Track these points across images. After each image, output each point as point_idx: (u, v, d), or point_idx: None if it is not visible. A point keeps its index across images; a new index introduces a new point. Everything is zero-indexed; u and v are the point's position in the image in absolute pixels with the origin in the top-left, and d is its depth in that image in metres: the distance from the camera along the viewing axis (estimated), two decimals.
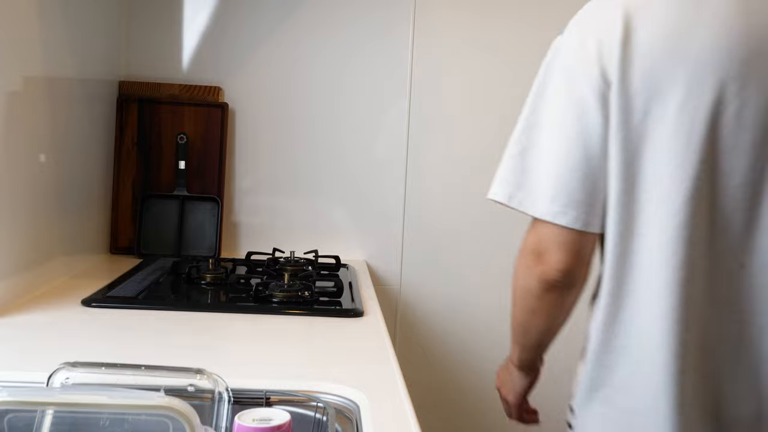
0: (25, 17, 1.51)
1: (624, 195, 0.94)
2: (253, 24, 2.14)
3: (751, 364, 0.94)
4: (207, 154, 2.10)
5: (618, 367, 0.99)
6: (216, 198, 2.08)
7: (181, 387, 0.94)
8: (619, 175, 0.94)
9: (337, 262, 2.01)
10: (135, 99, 2.08)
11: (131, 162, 2.08)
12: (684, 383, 0.94)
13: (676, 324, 0.93)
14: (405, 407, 1.07)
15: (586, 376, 1.04)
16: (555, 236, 0.98)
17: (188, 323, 1.46)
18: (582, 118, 0.95)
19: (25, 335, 1.33)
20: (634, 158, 0.93)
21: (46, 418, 0.90)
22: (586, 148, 0.95)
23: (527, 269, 1.03)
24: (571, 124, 0.95)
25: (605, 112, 0.93)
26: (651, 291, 0.94)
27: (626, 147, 0.93)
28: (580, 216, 0.96)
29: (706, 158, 0.91)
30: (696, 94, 0.91)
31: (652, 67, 0.91)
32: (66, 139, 1.74)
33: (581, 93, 0.95)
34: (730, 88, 0.90)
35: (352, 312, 1.55)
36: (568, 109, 0.96)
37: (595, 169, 0.95)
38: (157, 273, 1.82)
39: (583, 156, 0.95)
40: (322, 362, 1.27)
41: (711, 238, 0.93)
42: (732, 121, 0.90)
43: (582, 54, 0.95)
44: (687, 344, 0.93)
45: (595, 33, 0.94)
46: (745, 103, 0.90)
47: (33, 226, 1.57)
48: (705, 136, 0.91)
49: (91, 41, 1.90)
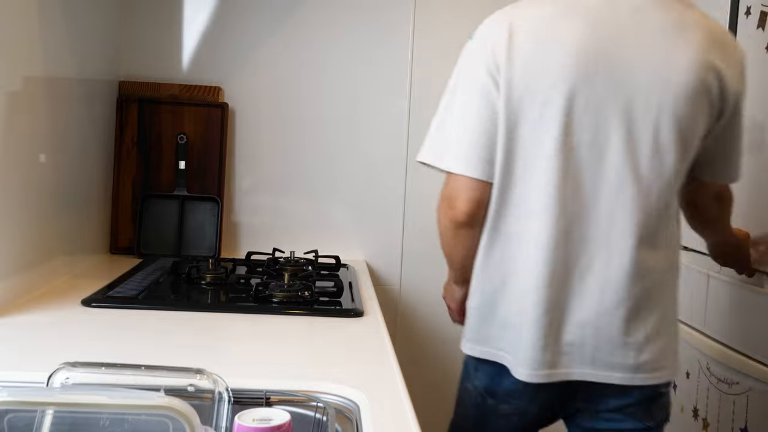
0: (26, 18, 1.51)
1: (506, 154, 1.27)
2: (253, 24, 2.14)
3: (591, 283, 1.28)
4: (207, 154, 2.10)
5: (495, 282, 1.32)
6: (216, 198, 2.08)
7: (181, 387, 0.94)
8: (504, 138, 1.27)
9: (337, 262, 2.01)
10: (135, 99, 2.08)
11: (131, 162, 2.08)
12: (547, 294, 1.26)
13: (543, 251, 1.26)
14: (405, 407, 1.07)
15: (472, 298, 1.37)
16: (464, 186, 1.30)
17: (188, 323, 1.46)
18: (483, 97, 1.27)
19: (25, 335, 1.33)
20: (513, 127, 1.26)
21: (46, 418, 0.90)
22: (487, 119, 1.27)
23: (443, 214, 1.35)
24: (477, 101, 1.28)
25: (497, 93, 1.26)
26: (524, 226, 1.28)
27: (509, 118, 1.26)
28: (485, 169, 1.28)
29: (562, 132, 1.24)
30: (557, 86, 1.24)
31: (525, 64, 1.25)
32: (66, 139, 1.74)
33: (483, 79, 1.28)
34: (578, 84, 1.24)
35: (352, 312, 1.55)
36: (474, 91, 1.29)
37: (492, 134, 1.27)
38: (157, 273, 1.82)
39: (486, 125, 1.27)
40: (322, 362, 1.27)
41: (571, 191, 1.26)
42: (581, 106, 1.24)
43: (482, 52, 1.29)
44: (549, 263, 1.26)
45: (491, 38, 1.28)
46: (589, 96, 1.24)
47: (33, 226, 1.57)
48: (561, 118, 1.24)
49: (91, 41, 1.90)
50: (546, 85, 1.24)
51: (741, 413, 1.79)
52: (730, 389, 1.84)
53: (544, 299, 1.26)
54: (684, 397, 2.09)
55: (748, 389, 1.77)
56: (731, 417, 1.83)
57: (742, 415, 1.79)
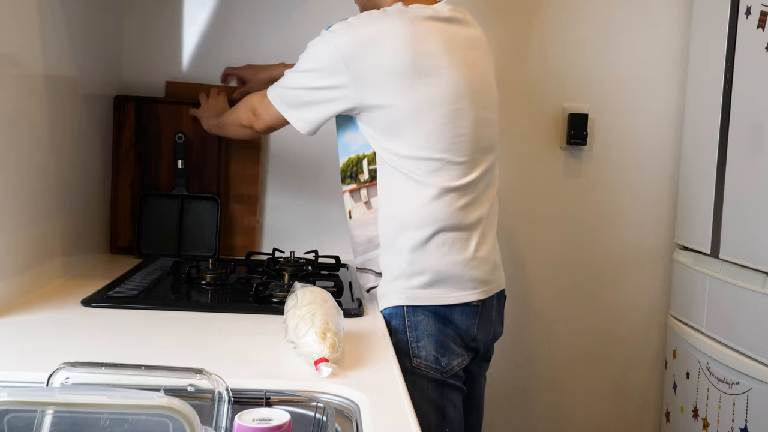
0: (25, 18, 1.51)
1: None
2: (253, 24, 2.14)
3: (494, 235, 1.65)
4: (205, 153, 2.10)
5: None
6: (215, 197, 2.08)
7: (181, 387, 0.94)
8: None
9: (337, 262, 2.01)
10: (133, 98, 2.08)
11: (130, 161, 2.08)
12: (479, 235, 1.56)
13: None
14: (405, 407, 1.07)
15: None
16: (277, 117, 1.62)
17: (188, 323, 1.46)
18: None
19: (25, 335, 1.33)
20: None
21: (46, 418, 0.90)
22: None
23: (246, 117, 1.70)
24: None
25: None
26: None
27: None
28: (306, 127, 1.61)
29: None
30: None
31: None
32: (65, 139, 1.74)
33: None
34: (462, 104, 1.52)
35: (352, 312, 1.55)
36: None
37: None
38: (157, 273, 1.82)
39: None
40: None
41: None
42: (465, 119, 1.53)
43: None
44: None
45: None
46: (466, 115, 1.53)
47: (33, 226, 1.57)
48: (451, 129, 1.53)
49: (90, 41, 1.90)
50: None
51: (741, 413, 1.79)
52: (730, 389, 1.84)
53: None
54: (684, 397, 2.09)
55: (748, 389, 1.77)
56: (731, 417, 1.83)
57: (742, 415, 1.79)
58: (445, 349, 1.52)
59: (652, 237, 2.31)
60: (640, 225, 2.30)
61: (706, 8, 2.10)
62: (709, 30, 2.05)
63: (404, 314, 1.52)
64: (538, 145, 2.25)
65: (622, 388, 2.34)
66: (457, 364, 1.54)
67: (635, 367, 2.34)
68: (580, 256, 2.30)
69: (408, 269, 1.53)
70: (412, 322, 1.52)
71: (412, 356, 1.51)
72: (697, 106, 2.13)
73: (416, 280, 1.52)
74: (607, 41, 2.26)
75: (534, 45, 2.24)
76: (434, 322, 1.52)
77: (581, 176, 2.28)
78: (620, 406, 2.34)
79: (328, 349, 1.16)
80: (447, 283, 1.52)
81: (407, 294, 1.53)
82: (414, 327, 1.52)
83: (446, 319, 1.53)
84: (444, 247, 1.52)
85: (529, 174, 2.27)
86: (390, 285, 1.55)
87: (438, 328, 1.52)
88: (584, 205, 2.29)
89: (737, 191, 1.89)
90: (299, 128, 1.60)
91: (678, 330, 2.15)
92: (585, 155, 2.27)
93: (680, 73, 2.25)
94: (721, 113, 1.95)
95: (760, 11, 1.78)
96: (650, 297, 2.32)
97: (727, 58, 1.93)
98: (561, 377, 2.31)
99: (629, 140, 2.28)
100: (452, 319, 1.53)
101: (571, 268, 2.30)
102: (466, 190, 1.54)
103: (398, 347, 1.46)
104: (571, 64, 2.25)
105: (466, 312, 1.54)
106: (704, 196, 2.02)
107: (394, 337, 1.48)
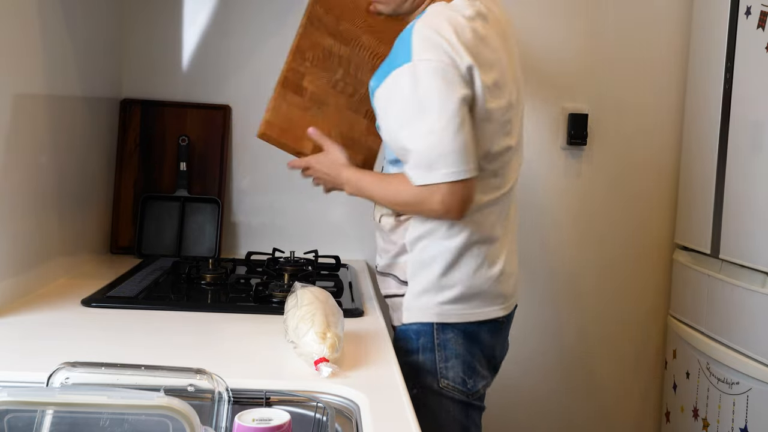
0: (29, 20, 1.51)
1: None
2: (253, 25, 2.14)
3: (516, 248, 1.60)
4: (208, 155, 2.10)
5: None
6: (216, 199, 2.08)
7: (181, 387, 0.94)
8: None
9: (337, 262, 2.01)
10: (139, 101, 2.08)
11: (133, 163, 2.08)
12: (507, 248, 1.53)
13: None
14: (405, 407, 1.07)
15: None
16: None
17: (188, 323, 1.46)
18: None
19: (25, 335, 1.33)
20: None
21: (46, 418, 0.90)
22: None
23: (459, 212, 1.40)
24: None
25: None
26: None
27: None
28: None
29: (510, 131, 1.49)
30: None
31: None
32: (69, 141, 1.74)
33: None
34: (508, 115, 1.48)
35: (352, 312, 1.55)
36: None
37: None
38: (157, 273, 1.82)
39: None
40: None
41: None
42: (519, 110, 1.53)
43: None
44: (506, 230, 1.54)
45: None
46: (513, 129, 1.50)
47: (34, 226, 1.57)
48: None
49: (95, 44, 1.90)
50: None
51: (741, 413, 1.79)
52: (730, 389, 1.84)
53: None
54: (684, 397, 2.09)
55: (748, 389, 1.77)
56: (731, 417, 1.83)
57: (742, 415, 1.79)
58: (472, 371, 1.48)
59: (652, 237, 2.31)
60: (640, 225, 2.30)
61: (706, 8, 2.10)
62: (709, 30, 2.05)
63: (433, 332, 1.47)
64: (538, 145, 2.25)
65: (622, 388, 2.34)
66: (482, 387, 1.51)
67: (635, 367, 2.34)
68: (580, 255, 2.30)
69: (438, 282, 1.47)
70: (441, 341, 1.47)
71: (440, 377, 1.47)
72: (697, 105, 2.13)
73: (446, 294, 1.46)
74: (607, 41, 2.26)
75: (534, 45, 2.24)
76: (463, 341, 1.47)
77: (581, 176, 2.28)
78: (620, 406, 2.34)
79: (328, 349, 1.16)
80: (476, 298, 1.48)
81: (437, 310, 1.47)
82: (443, 346, 1.47)
83: (474, 339, 1.48)
84: (477, 260, 1.47)
85: (529, 174, 2.27)
86: (418, 300, 1.49)
87: (466, 347, 1.48)
88: (584, 205, 2.29)
89: (737, 191, 1.88)
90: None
91: (678, 330, 2.15)
92: (585, 155, 2.28)
93: (680, 73, 2.26)
94: (721, 113, 1.95)
95: (760, 11, 1.78)
96: (650, 297, 2.32)
97: (727, 57, 1.93)
98: (560, 377, 2.31)
99: (629, 140, 2.28)
100: (480, 338, 1.49)
101: (570, 268, 2.30)
102: (499, 201, 1.49)
103: (424, 365, 1.44)
104: (571, 64, 2.26)
105: (491, 330, 1.50)
106: (704, 196, 2.02)
107: (419, 355, 1.45)
